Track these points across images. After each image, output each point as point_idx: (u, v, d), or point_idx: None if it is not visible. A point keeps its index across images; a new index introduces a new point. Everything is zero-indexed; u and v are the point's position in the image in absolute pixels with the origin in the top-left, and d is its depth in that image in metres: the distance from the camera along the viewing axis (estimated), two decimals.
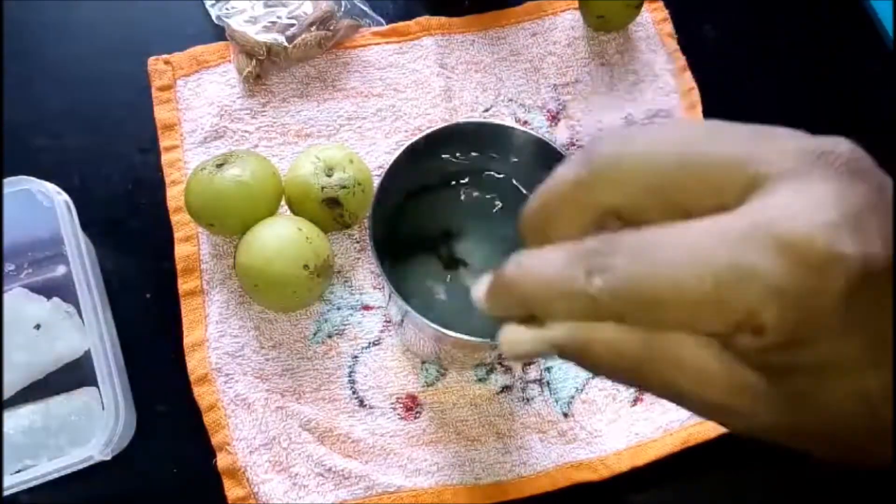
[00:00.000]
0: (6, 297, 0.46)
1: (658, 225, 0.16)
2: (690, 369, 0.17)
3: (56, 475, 0.40)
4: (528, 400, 0.47)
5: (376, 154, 0.53)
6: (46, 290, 0.47)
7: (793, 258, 0.14)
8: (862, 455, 0.18)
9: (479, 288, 0.20)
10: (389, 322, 0.49)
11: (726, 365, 0.16)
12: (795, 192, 0.15)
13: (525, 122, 0.55)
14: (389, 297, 0.38)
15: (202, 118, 0.53)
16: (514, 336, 0.19)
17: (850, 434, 0.17)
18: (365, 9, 0.57)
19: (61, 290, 0.48)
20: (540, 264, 0.18)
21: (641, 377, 0.18)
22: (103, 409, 0.41)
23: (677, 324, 0.16)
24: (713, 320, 0.15)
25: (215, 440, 0.45)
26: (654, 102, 0.57)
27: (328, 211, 0.46)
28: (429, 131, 0.38)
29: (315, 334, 0.48)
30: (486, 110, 0.56)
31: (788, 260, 0.14)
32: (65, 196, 0.46)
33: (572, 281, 0.17)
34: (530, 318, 0.19)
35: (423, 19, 0.58)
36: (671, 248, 0.16)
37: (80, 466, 0.41)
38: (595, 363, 0.18)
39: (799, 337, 0.15)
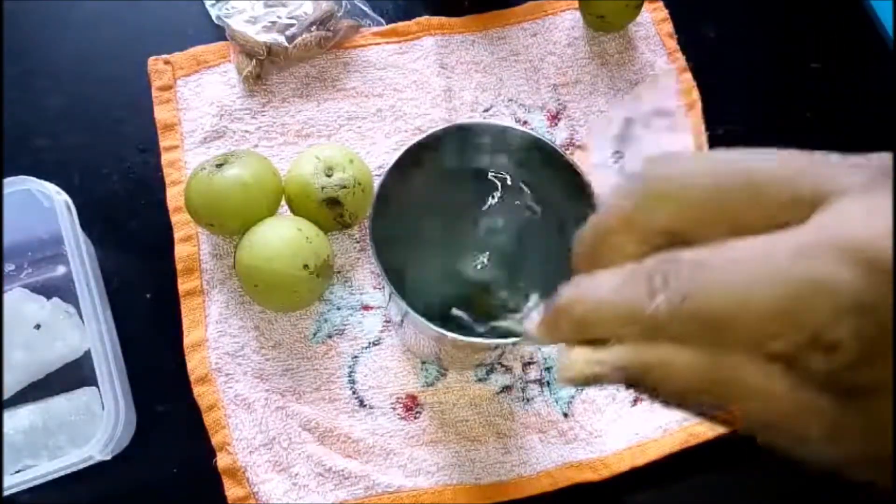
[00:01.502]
0: (6, 297, 0.46)
1: (719, 243, 0.16)
2: (759, 395, 0.16)
3: (56, 475, 0.40)
4: (528, 400, 0.47)
5: (376, 154, 0.53)
6: (46, 290, 0.48)
7: (870, 269, 0.14)
8: None
9: (533, 317, 0.20)
10: (389, 322, 0.49)
11: (796, 389, 0.16)
12: (863, 206, 0.15)
13: (525, 122, 0.55)
14: (389, 297, 0.38)
15: (202, 118, 0.53)
16: (576, 358, 0.18)
17: None
18: (365, 9, 0.57)
19: (61, 290, 0.48)
20: (598, 286, 0.17)
21: (709, 402, 0.17)
22: (103, 409, 0.41)
23: (743, 344, 0.15)
24: (782, 339, 0.15)
25: (215, 440, 0.45)
26: (654, 102, 0.57)
27: (328, 211, 0.46)
28: (429, 131, 0.38)
29: (315, 334, 0.48)
30: (486, 110, 0.56)
31: (865, 271, 0.14)
32: (65, 196, 0.46)
33: (633, 301, 0.16)
34: (588, 343, 0.18)
35: (423, 19, 0.58)
36: (737, 263, 0.15)
37: (80, 466, 0.41)
38: (657, 387, 0.17)
39: (873, 353, 0.14)
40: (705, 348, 0.16)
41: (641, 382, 0.17)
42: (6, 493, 0.39)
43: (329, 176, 0.46)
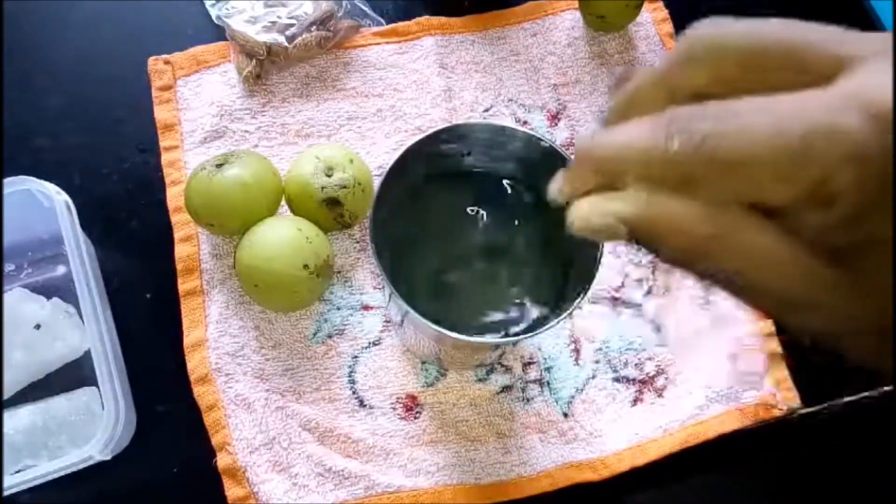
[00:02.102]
0: (6, 297, 0.46)
1: (746, 97, 0.17)
2: (764, 254, 0.17)
3: (56, 475, 0.40)
4: (528, 400, 0.47)
5: (376, 154, 0.53)
6: (46, 290, 0.48)
7: (879, 123, 0.15)
8: None
9: (556, 177, 0.20)
10: (389, 322, 0.49)
11: (800, 252, 0.16)
12: (884, 70, 0.16)
13: (525, 122, 0.55)
14: (389, 297, 0.38)
15: (202, 118, 0.53)
16: (584, 208, 0.19)
17: None
18: (365, 9, 0.57)
19: (61, 290, 0.48)
20: (622, 130, 0.18)
21: (709, 261, 0.17)
22: (103, 409, 0.41)
23: (752, 188, 0.16)
24: (790, 183, 0.15)
25: (215, 440, 0.45)
26: None
27: (328, 211, 0.46)
28: (429, 131, 0.38)
29: (315, 334, 0.48)
30: (486, 110, 0.56)
31: (874, 123, 0.15)
32: (65, 196, 0.46)
33: (651, 142, 0.17)
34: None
35: (423, 19, 0.58)
36: (757, 111, 0.16)
37: (80, 466, 0.41)
38: (663, 241, 0.18)
39: (868, 208, 0.15)
40: (712, 204, 0.17)
41: (646, 237, 0.18)
42: (6, 493, 0.39)
43: (329, 176, 0.46)
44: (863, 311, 0.16)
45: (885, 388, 0.48)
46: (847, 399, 0.48)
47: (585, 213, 0.19)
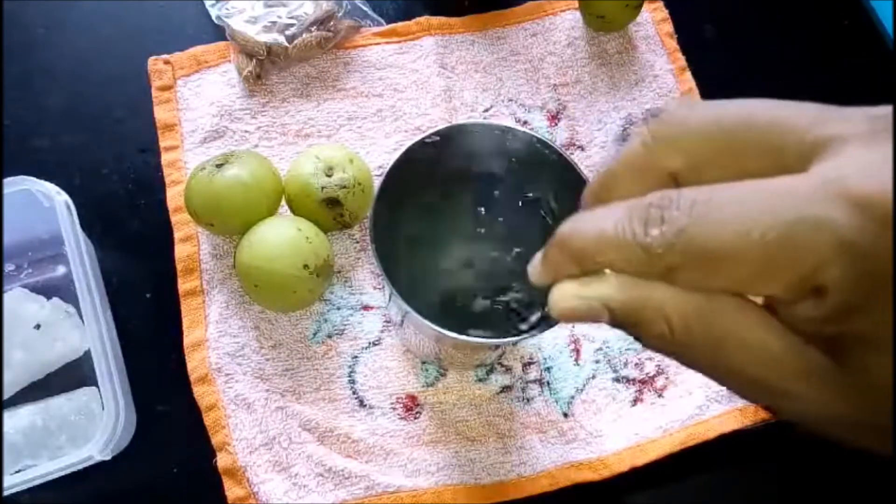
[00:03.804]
0: (6, 297, 0.46)
1: (721, 183, 0.16)
2: (750, 346, 0.16)
3: (56, 475, 0.40)
4: (528, 400, 0.47)
5: (376, 154, 0.53)
6: (46, 290, 0.47)
7: (864, 213, 0.14)
8: None
9: (534, 258, 0.20)
10: (389, 322, 0.49)
11: (790, 343, 0.16)
12: (866, 153, 0.15)
13: (525, 122, 0.55)
14: (389, 297, 0.38)
15: (202, 118, 0.53)
16: (565, 291, 0.19)
17: None
18: (365, 9, 0.57)
19: (61, 290, 0.48)
20: (597, 218, 0.18)
21: (693, 351, 0.17)
22: (103, 409, 0.41)
23: (735, 281, 0.16)
24: (773, 277, 0.15)
25: (215, 440, 0.45)
26: (654, 102, 0.57)
27: (328, 211, 0.46)
28: (429, 131, 0.38)
29: (315, 334, 0.48)
30: (486, 110, 0.56)
31: (860, 214, 0.14)
32: (65, 196, 0.46)
33: (628, 232, 0.17)
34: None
35: (423, 19, 0.58)
36: (736, 200, 0.15)
37: (80, 466, 0.41)
38: (646, 328, 0.17)
39: (861, 301, 0.14)
40: (697, 292, 0.16)
41: (628, 322, 0.18)
42: (6, 493, 0.39)
43: (329, 176, 0.46)
44: (856, 406, 0.16)
45: None
46: None
47: (566, 297, 0.19)
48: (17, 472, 0.40)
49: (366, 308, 0.49)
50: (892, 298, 0.14)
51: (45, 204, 0.45)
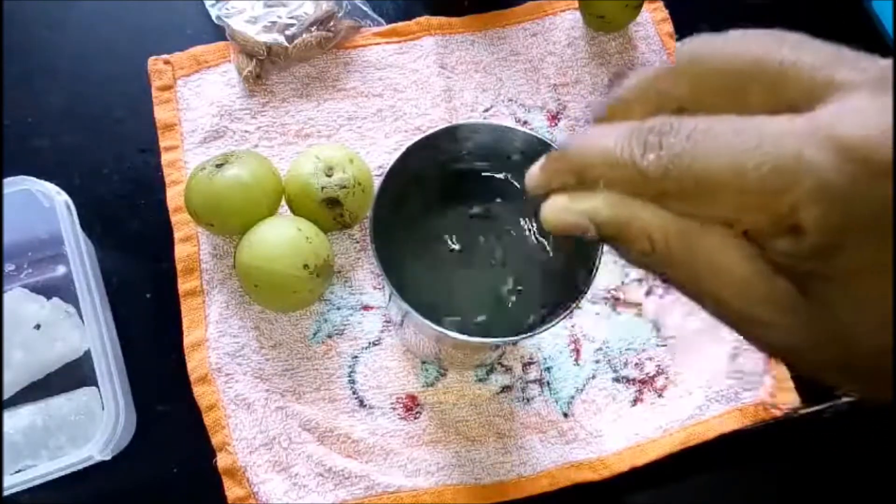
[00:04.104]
0: (6, 297, 0.46)
1: (722, 115, 0.17)
2: (724, 270, 0.17)
3: (56, 475, 0.40)
4: (528, 400, 0.47)
5: (376, 154, 0.53)
6: (46, 290, 0.48)
7: (848, 159, 0.14)
8: (875, 388, 0.17)
9: (535, 165, 0.21)
10: (389, 322, 0.49)
11: (761, 271, 0.16)
12: (867, 101, 0.15)
13: (525, 122, 0.55)
14: (389, 297, 0.38)
15: (202, 118, 0.53)
16: (557, 203, 0.19)
17: (868, 357, 0.16)
18: (365, 9, 0.57)
19: (61, 290, 0.48)
20: (599, 134, 0.18)
21: (672, 269, 0.18)
22: (103, 409, 0.41)
23: (721, 211, 0.16)
24: (757, 210, 0.15)
25: (215, 440, 0.45)
26: None
27: (328, 211, 0.46)
28: (429, 132, 0.38)
29: (315, 334, 0.48)
30: (486, 110, 0.56)
31: (843, 159, 0.14)
32: (65, 196, 0.46)
33: (626, 152, 0.17)
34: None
35: (423, 19, 0.58)
36: (733, 133, 0.16)
37: (80, 466, 0.41)
38: (630, 245, 0.18)
39: (837, 241, 0.15)
40: (683, 217, 0.17)
41: (613, 238, 0.18)
42: (6, 493, 0.39)
43: (329, 176, 0.46)
44: (822, 340, 0.16)
45: None
46: (847, 399, 0.48)
47: (557, 209, 0.19)
48: (17, 472, 0.40)
49: (366, 308, 0.49)
50: (878, 239, 0.15)
51: (45, 204, 0.45)
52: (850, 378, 0.17)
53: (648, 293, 0.51)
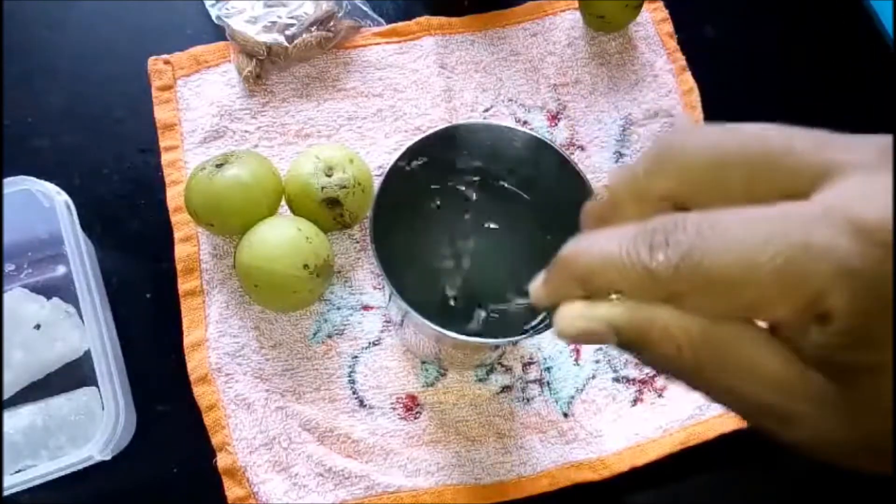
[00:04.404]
0: (6, 297, 0.46)
1: (727, 208, 0.16)
2: (753, 367, 0.16)
3: (56, 475, 0.40)
4: (528, 400, 0.47)
5: (376, 154, 0.53)
6: (46, 290, 0.47)
7: (867, 240, 0.14)
8: None
9: (536, 279, 0.20)
10: (389, 322, 0.49)
11: (793, 365, 0.16)
12: (870, 181, 0.15)
13: (525, 122, 0.55)
14: (389, 297, 0.38)
15: (202, 118, 0.53)
16: (570, 312, 0.18)
17: None
18: (365, 9, 0.57)
19: (61, 290, 0.48)
20: (601, 239, 0.18)
21: (698, 370, 0.17)
22: (103, 409, 0.41)
23: (740, 307, 0.16)
24: (779, 302, 0.15)
25: (215, 440, 0.45)
26: (654, 102, 0.57)
27: (328, 211, 0.46)
28: (429, 132, 0.38)
29: (315, 334, 0.48)
30: (486, 110, 0.56)
31: (863, 242, 0.14)
32: (65, 196, 0.46)
33: (633, 255, 0.16)
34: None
35: (423, 19, 0.58)
36: (741, 225, 0.15)
37: (80, 466, 0.41)
38: (653, 349, 0.17)
39: (866, 327, 0.14)
40: (702, 316, 0.16)
41: (634, 344, 0.17)
42: (6, 493, 0.39)
43: (329, 176, 0.46)
44: (854, 429, 0.16)
45: None
46: None
47: (572, 319, 0.18)
48: (17, 472, 0.40)
49: (366, 308, 0.49)
50: (892, 323, 0.14)
51: (45, 204, 0.45)
52: (885, 461, 0.16)
53: None
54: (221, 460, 0.44)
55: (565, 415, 0.47)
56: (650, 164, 0.18)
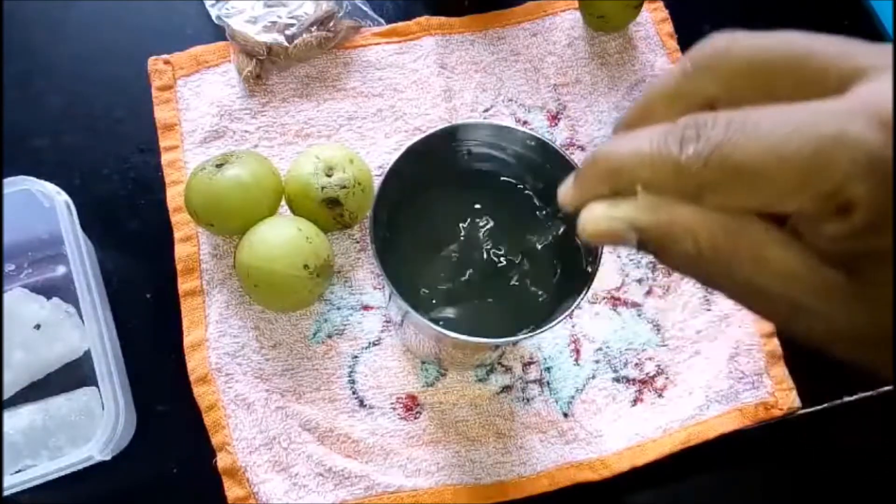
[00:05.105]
0: (6, 297, 0.46)
1: (759, 105, 0.17)
2: (771, 262, 0.17)
3: (56, 475, 0.40)
4: (528, 400, 0.47)
5: (376, 154, 0.53)
6: (46, 290, 0.48)
7: (892, 131, 0.15)
8: None
9: (567, 179, 0.20)
10: (389, 322, 0.49)
11: (809, 261, 0.16)
12: None
13: (525, 122, 0.55)
14: (389, 297, 0.38)
15: (202, 118, 0.53)
16: (596, 212, 0.19)
17: None
18: (365, 9, 0.57)
19: (61, 290, 0.48)
20: (634, 137, 0.18)
21: (718, 268, 0.17)
22: (103, 409, 0.41)
23: (766, 198, 0.16)
24: (805, 192, 0.15)
25: (215, 440, 0.45)
26: None
27: (328, 211, 0.46)
28: (429, 132, 0.38)
29: (315, 334, 0.48)
30: (486, 110, 0.56)
31: (887, 132, 0.15)
32: (65, 196, 0.46)
33: (664, 149, 0.17)
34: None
35: (423, 19, 0.58)
36: (771, 120, 0.16)
37: (80, 466, 0.41)
38: (674, 247, 0.18)
39: (885, 215, 0.15)
40: (724, 212, 0.17)
41: (656, 243, 0.18)
42: (6, 493, 0.39)
43: (329, 176, 0.46)
44: (868, 321, 0.16)
45: (885, 388, 0.48)
46: (847, 399, 0.48)
47: (595, 218, 0.19)
48: (17, 472, 0.40)
49: (366, 308, 0.49)
50: None
51: (45, 204, 0.45)
52: (888, 354, 0.17)
53: (648, 293, 0.51)
54: (221, 460, 0.44)
55: (565, 415, 0.47)
56: (693, 70, 0.19)
